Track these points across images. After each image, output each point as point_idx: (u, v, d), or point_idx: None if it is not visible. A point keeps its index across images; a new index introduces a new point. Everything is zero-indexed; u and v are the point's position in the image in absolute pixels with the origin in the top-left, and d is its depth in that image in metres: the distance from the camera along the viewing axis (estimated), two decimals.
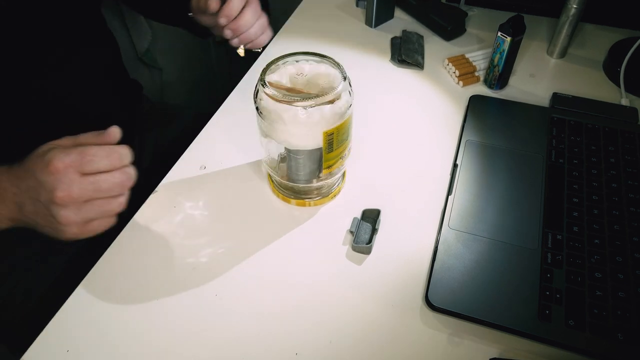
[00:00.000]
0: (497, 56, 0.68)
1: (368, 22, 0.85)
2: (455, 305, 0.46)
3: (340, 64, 0.49)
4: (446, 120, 0.67)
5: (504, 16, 0.67)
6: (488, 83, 0.72)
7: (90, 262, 0.51)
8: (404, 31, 0.82)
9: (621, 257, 0.50)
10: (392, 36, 0.81)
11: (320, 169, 0.52)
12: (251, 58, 0.81)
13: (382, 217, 0.54)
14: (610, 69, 0.74)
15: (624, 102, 0.69)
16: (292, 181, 0.53)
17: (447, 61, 0.75)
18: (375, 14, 0.83)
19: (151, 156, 0.76)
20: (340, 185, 0.58)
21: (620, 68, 0.70)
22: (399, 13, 0.88)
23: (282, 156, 0.52)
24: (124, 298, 0.48)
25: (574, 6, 0.71)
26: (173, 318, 0.47)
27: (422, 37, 0.80)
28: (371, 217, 0.54)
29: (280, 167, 0.53)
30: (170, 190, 0.58)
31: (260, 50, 0.69)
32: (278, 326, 0.46)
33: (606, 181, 0.57)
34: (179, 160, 0.62)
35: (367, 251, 0.51)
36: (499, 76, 0.70)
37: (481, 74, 0.73)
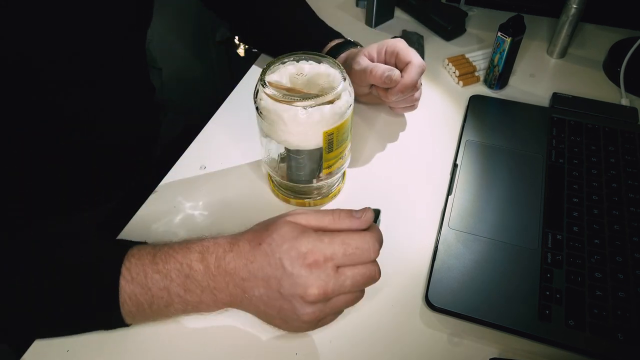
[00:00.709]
0: (497, 56, 0.68)
1: (368, 22, 0.85)
2: (455, 305, 0.46)
3: (340, 64, 0.49)
4: (446, 120, 0.67)
5: (504, 16, 0.67)
6: (488, 83, 0.72)
7: None
8: (404, 31, 0.82)
9: (621, 257, 0.50)
10: (392, 36, 0.81)
11: (320, 169, 0.52)
12: (251, 58, 0.81)
13: (382, 217, 0.54)
14: (610, 69, 0.74)
15: (624, 102, 0.69)
16: (292, 181, 0.53)
17: (447, 61, 0.75)
18: (375, 14, 0.83)
19: (151, 156, 0.76)
20: (340, 185, 0.58)
21: (620, 68, 0.70)
22: (399, 13, 0.88)
23: (282, 156, 0.52)
24: None
25: (574, 6, 0.71)
26: (172, 318, 0.47)
27: (422, 37, 0.80)
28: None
29: (280, 167, 0.53)
30: (170, 190, 0.58)
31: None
32: None
33: (606, 181, 0.57)
34: (179, 160, 0.62)
35: None
36: (499, 76, 0.70)
37: (481, 74, 0.73)
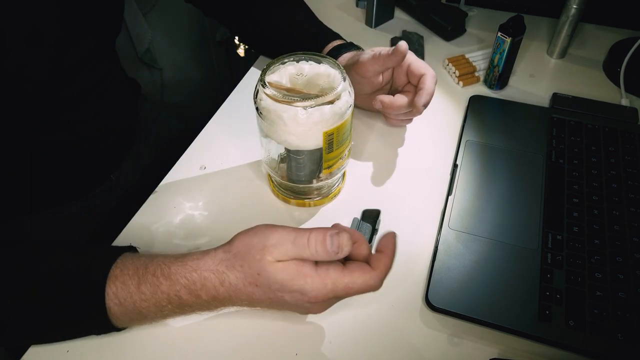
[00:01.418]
0: (497, 56, 0.68)
1: (368, 22, 0.85)
2: (455, 305, 0.46)
3: (340, 65, 0.49)
4: (446, 120, 0.67)
5: (504, 16, 0.67)
6: (488, 83, 0.72)
7: None
8: (404, 31, 0.82)
9: (621, 258, 0.50)
10: (392, 36, 0.81)
11: (320, 169, 0.52)
12: (251, 58, 0.81)
13: (382, 217, 0.54)
14: (610, 69, 0.74)
15: (624, 102, 0.69)
16: (292, 181, 0.53)
17: (447, 61, 0.75)
18: (375, 14, 0.83)
19: (151, 156, 0.76)
20: (340, 185, 0.58)
21: (620, 68, 0.70)
22: (399, 13, 0.88)
23: (282, 156, 0.52)
24: None
25: (574, 6, 0.71)
26: (173, 318, 0.47)
27: (422, 37, 0.80)
28: (371, 217, 0.54)
29: (280, 168, 0.53)
30: (170, 190, 0.58)
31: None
32: (278, 326, 0.46)
33: (606, 181, 0.57)
34: (179, 160, 0.62)
35: None
36: (499, 76, 0.70)
37: (481, 74, 0.73)
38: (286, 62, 0.50)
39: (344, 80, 0.47)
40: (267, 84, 0.47)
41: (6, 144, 0.54)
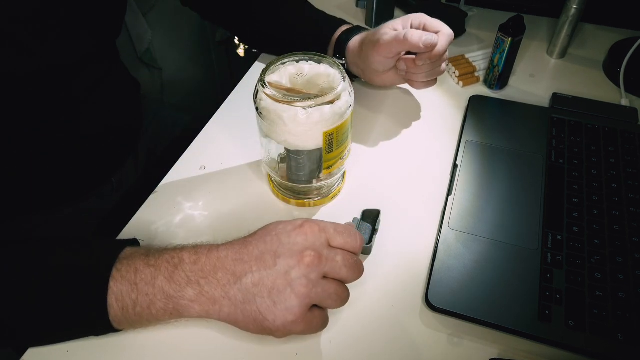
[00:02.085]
0: (497, 56, 0.68)
1: (368, 22, 0.85)
2: (455, 305, 0.46)
3: (339, 64, 0.49)
4: (446, 120, 0.67)
5: (504, 16, 0.67)
6: (488, 83, 0.72)
7: None
8: None
9: (621, 258, 0.50)
10: None
11: (320, 170, 0.52)
12: (251, 58, 0.81)
13: (382, 217, 0.54)
14: (610, 69, 0.74)
15: (624, 102, 0.69)
16: (292, 181, 0.53)
17: (447, 61, 0.75)
18: (375, 14, 0.83)
19: (151, 156, 0.76)
20: (340, 185, 0.58)
21: (620, 68, 0.70)
22: (399, 13, 0.88)
23: (282, 156, 0.52)
24: None
25: (574, 6, 0.71)
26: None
27: None
28: (371, 218, 0.54)
29: (280, 168, 0.53)
30: (170, 190, 0.58)
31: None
32: None
33: (606, 181, 0.57)
34: (179, 160, 0.62)
35: (367, 251, 0.51)
36: (499, 76, 0.70)
37: (481, 74, 0.73)
38: (286, 62, 0.50)
39: (344, 80, 0.47)
40: (267, 84, 0.47)
41: (6, 144, 0.54)
